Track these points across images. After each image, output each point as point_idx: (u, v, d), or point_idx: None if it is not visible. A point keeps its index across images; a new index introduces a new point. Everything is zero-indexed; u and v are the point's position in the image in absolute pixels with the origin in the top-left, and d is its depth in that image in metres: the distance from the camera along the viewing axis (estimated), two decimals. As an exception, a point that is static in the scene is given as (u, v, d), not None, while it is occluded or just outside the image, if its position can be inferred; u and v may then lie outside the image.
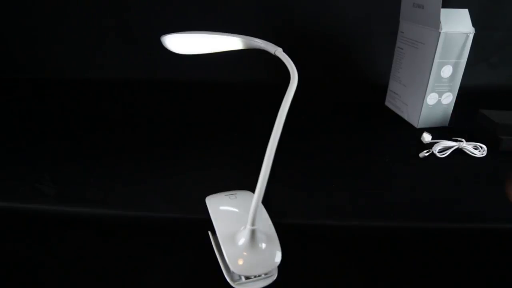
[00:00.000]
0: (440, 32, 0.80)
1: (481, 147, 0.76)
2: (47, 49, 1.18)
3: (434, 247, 0.58)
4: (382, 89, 1.04)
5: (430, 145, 0.77)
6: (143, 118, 0.92)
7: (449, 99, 0.87)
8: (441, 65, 0.83)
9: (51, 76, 1.17)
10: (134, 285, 0.60)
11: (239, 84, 1.15)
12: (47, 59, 1.19)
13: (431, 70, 0.83)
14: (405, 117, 0.93)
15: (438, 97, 0.86)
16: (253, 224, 0.46)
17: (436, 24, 0.80)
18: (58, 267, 0.60)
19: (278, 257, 0.48)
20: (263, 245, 0.48)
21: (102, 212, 0.57)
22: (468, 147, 0.76)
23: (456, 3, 1.08)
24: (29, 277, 0.61)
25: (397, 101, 0.97)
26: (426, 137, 0.79)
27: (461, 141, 0.77)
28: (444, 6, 0.78)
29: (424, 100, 0.86)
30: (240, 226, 0.49)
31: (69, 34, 1.16)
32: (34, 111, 0.95)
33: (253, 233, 0.47)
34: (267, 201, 0.53)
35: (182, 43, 0.62)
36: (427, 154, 0.75)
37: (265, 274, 0.48)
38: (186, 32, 0.61)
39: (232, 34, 0.56)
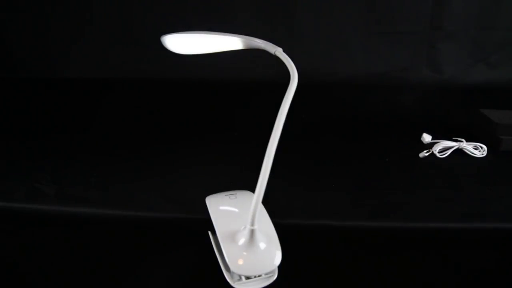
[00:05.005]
0: None
1: (481, 147, 0.76)
2: (46, 49, 1.18)
3: (434, 247, 0.58)
4: (382, 89, 1.04)
5: (430, 145, 0.77)
6: (143, 118, 0.92)
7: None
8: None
9: (50, 76, 1.17)
10: (134, 285, 0.60)
11: (239, 84, 1.15)
12: (46, 59, 1.19)
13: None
14: None
15: None
16: (253, 224, 0.46)
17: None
18: (58, 267, 0.60)
19: (278, 257, 0.48)
20: (263, 245, 0.48)
21: (102, 212, 0.57)
22: (468, 147, 0.76)
23: (456, 3, 1.08)
24: (29, 277, 0.61)
25: None
26: (426, 137, 0.79)
27: (461, 141, 0.77)
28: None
29: None
30: (240, 226, 0.49)
31: (68, 34, 1.16)
32: (33, 111, 0.95)
33: (253, 233, 0.47)
34: (267, 201, 0.53)
35: (182, 43, 0.62)
36: (427, 154, 0.75)
37: (265, 274, 0.48)
38: (186, 32, 0.61)
39: (232, 34, 0.56)
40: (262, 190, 0.45)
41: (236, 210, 0.55)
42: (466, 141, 0.77)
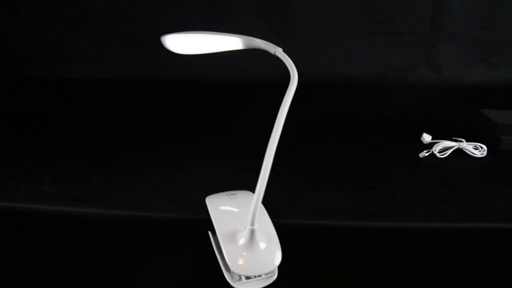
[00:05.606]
0: None
1: (481, 147, 0.76)
2: (46, 49, 1.18)
3: (434, 247, 0.58)
4: (382, 89, 1.04)
5: (430, 145, 0.77)
6: (143, 118, 0.92)
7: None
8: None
9: (50, 76, 1.17)
10: (134, 284, 0.60)
11: (239, 84, 1.15)
12: (46, 59, 1.19)
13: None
14: None
15: None
16: (253, 224, 0.46)
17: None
18: (58, 267, 0.60)
19: (278, 257, 0.48)
20: (263, 245, 0.48)
21: (102, 212, 0.57)
22: (468, 147, 0.76)
23: (456, 3, 1.08)
24: (29, 277, 0.61)
25: None
26: (426, 137, 0.79)
27: (461, 141, 0.77)
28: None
29: None
30: (240, 226, 0.49)
31: (68, 34, 1.16)
32: (33, 111, 0.95)
33: (253, 233, 0.47)
34: (267, 201, 0.53)
35: (182, 43, 0.62)
36: (427, 154, 0.75)
37: (265, 274, 0.48)
38: (186, 32, 0.61)
39: (232, 34, 0.56)
40: (262, 190, 0.45)
41: (236, 210, 0.55)
42: (466, 141, 0.77)
